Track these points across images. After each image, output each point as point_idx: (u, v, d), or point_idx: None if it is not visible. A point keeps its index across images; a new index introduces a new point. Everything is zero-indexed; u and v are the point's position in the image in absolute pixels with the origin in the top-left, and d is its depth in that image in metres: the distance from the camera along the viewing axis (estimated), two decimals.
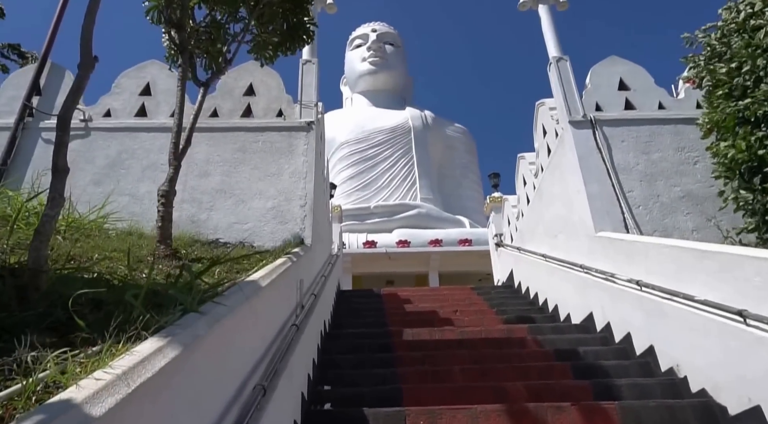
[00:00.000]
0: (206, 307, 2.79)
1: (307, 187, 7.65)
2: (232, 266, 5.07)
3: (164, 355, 1.96)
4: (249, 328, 3.34)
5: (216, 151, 7.93)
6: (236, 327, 2.98)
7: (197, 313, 2.65)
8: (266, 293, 4.08)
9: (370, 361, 6.35)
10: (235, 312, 3.00)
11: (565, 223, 8.74)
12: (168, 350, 2.00)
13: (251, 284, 3.79)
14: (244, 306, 3.26)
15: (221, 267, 5.00)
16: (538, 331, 7.56)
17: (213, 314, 2.67)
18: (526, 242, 11.05)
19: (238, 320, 3.04)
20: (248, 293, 3.53)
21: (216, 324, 2.59)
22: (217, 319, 2.66)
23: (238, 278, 4.60)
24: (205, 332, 2.38)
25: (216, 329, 2.57)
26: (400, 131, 28.83)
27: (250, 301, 3.46)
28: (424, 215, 24.80)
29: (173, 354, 1.99)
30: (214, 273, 4.74)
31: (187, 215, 7.40)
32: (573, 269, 8.13)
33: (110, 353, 1.99)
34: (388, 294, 11.19)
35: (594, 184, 7.87)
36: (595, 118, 8.36)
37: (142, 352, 1.93)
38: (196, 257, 5.39)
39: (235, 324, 2.94)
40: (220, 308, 2.80)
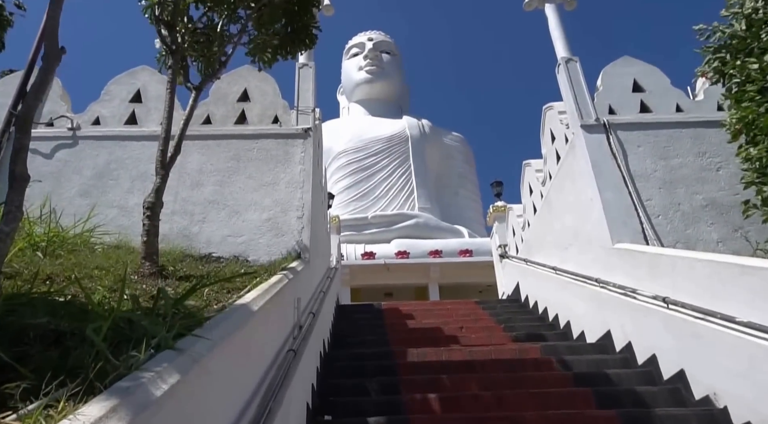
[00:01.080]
0: (185, 342, 2.30)
1: (304, 198, 7.17)
2: (223, 285, 4.58)
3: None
4: (238, 362, 2.85)
5: (209, 159, 7.44)
6: (221, 365, 2.49)
7: (173, 350, 2.16)
8: (260, 317, 3.59)
9: (373, 386, 5.84)
10: (222, 346, 2.51)
11: (577, 234, 8.27)
12: (123, 413, 1.51)
13: (242, 308, 3.30)
14: (233, 336, 2.77)
15: (213, 286, 4.51)
16: (552, 351, 7.07)
17: (192, 352, 2.18)
18: (534, 254, 10.57)
19: (224, 355, 2.55)
20: (238, 319, 3.04)
21: (195, 365, 2.10)
22: (197, 359, 2.16)
23: (229, 298, 4.12)
24: (177, 380, 1.89)
25: (194, 373, 2.08)
26: (397, 140, 28.39)
27: (241, 329, 2.97)
28: (423, 224, 24.31)
29: (129, 419, 1.49)
30: (203, 293, 4.25)
31: (178, 227, 6.91)
32: (587, 283, 7.65)
33: (46, 416, 1.49)
34: (389, 309, 10.68)
35: (609, 192, 7.41)
36: (609, 122, 7.91)
37: (88, 418, 1.43)
38: (185, 275, 4.89)
39: (220, 362, 2.45)
40: (202, 344, 2.31)
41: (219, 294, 4.31)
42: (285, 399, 3.45)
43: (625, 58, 8.61)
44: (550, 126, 9.46)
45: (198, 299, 4.02)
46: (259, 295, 3.90)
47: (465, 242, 22.42)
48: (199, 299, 4.05)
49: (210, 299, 4.12)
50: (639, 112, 8.11)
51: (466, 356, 6.89)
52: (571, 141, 8.32)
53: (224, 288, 4.50)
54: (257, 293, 3.96)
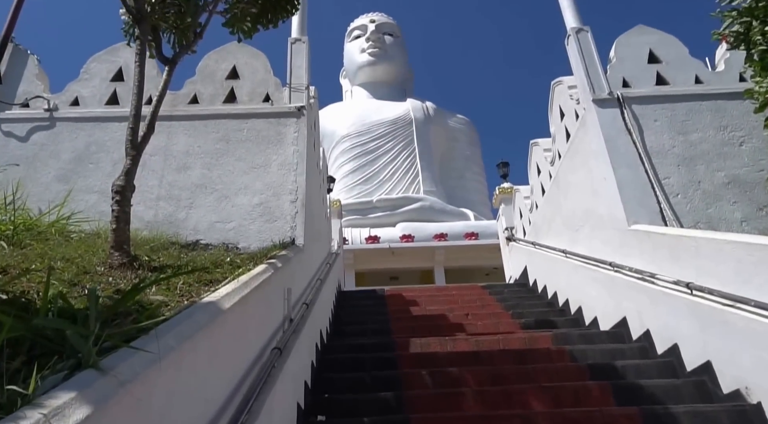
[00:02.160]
0: (118, 357, 1.85)
1: (298, 181, 6.71)
2: (200, 277, 4.14)
3: None
4: (200, 374, 2.40)
5: (196, 141, 6.98)
6: (169, 384, 2.04)
7: (95, 370, 1.70)
8: (235, 314, 3.15)
9: (372, 381, 5.41)
10: (173, 358, 2.06)
11: (588, 215, 7.78)
12: None
13: (208, 306, 2.84)
14: (193, 342, 2.33)
15: (187, 278, 4.07)
16: (564, 339, 6.62)
17: (119, 372, 1.72)
18: (542, 236, 10.09)
19: (176, 369, 2.10)
20: (202, 320, 2.59)
21: (120, 392, 1.65)
22: (125, 382, 1.71)
23: (206, 292, 3.68)
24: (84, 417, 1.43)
25: (117, 402, 1.63)
26: (402, 123, 27.87)
27: (205, 332, 2.53)
28: (428, 207, 23.89)
29: None
30: (177, 287, 3.81)
31: (164, 214, 6.47)
32: (600, 267, 7.18)
33: None
34: (393, 295, 10.25)
35: (624, 170, 6.92)
36: (623, 96, 7.39)
37: None
38: (161, 265, 4.44)
39: (166, 379, 2.00)
40: (138, 360, 1.86)
41: (194, 287, 3.87)
42: (264, 408, 3.01)
43: (640, 27, 8.05)
44: (558, 102, 8.94)
45: (169, 294, 3.59)
46: (236, 288, 3.45)
47: (471, 224, 21.98)
48: (171, 293, 3.62)
49: (183, 293, 3.68)
50: (655, 84, 7.57)
51: (472, 347, 6.45)
52: (582, 117, 7.81)
53: (202, 280, 4.06)
54: (234, 286, 3.51)
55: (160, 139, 6.87)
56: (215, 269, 4.45)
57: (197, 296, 3.43)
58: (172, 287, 3.81)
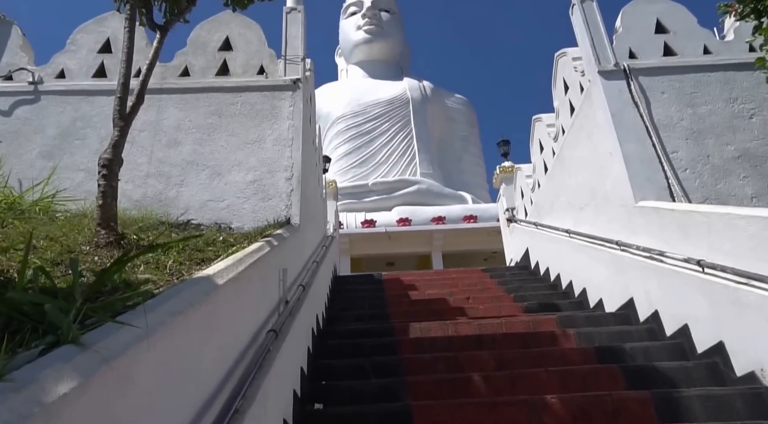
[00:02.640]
0: (100, 332, 1.63)
1: (293, 157, 6.46)
2: (191, 255, 3.91)
3: None
4: (191, 354, 2.18)
5: (187, 115, 6.72)
6: (157, 362, 1.82)
7: (76, 346, 1.49)
8: (228, 292, 2.92)
9: (371, 367, 5.20)
10: (162, 334, 1.84)
11: (594, 192, 7.57)
12: None
13: (200, 282, 2.62)
14: (184, 319, 2.11)
15: (178, 256, 3.84)
16: (569, 322, 6.42)
17: (103, 347, 1.50)
18: (544, 216, 9.87)
19: (164, 347, 1.88)
20: (193, 296, 2.37)
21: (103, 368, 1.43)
22: (106, 358, 1.49)
23: (197, 271, 3.45)
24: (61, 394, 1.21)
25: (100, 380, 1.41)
26: (398, 103, 27.44)
27: (196, 309, 2.31)
28: (425, 190, 23.56)
29: None
30: (167, 266, 3.59)
31: (153, 192, 6.23)
32: (606, 246, 6.98)
33: None
34: (390, 279, 10.04)
35: (631, 144, 6.69)
36: (630, 67, 7.14)
37: None
38: (151, 244, 4.21)
39: (154, 357, 1.78)
40: (123, 335, 1.64)
41: (185, 266, 3.64)
42: (259, 394, 2.80)
43: None
44: (562, 75, 8.68)
45: (158, 273, 3.36)
46: (230, 265, 3.23)
47: (469, 207, 21.71)
48: (160, 272, 3.39)
49: (173, 272, 3.46)
50: (663, 55, 7.32)
51: (475, 330, 6.25)
52: (587, 90, 7.56)
53: (193, 259, 3.83)
54: (229, 263, 3.28)
55: (149, 114, 6.61)
56: (207, 248, 4.23)
57: (188, 275, 3.21)
58: (162, 266, 3.59)
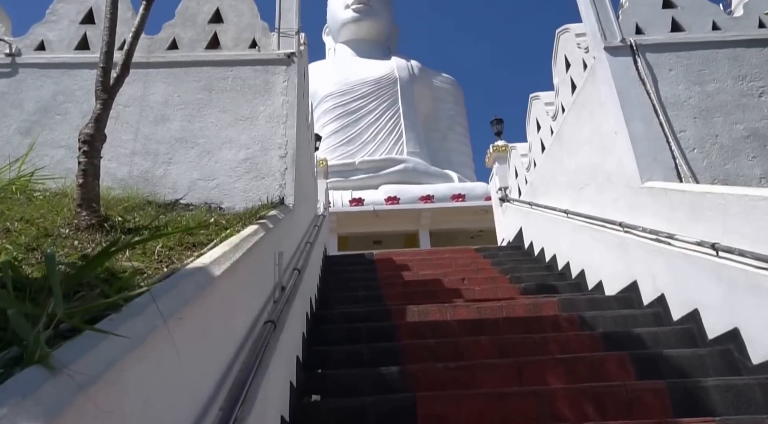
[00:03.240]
0: (77, 345, 1.35)
1: (288, 134, 6.16)
2: (182, 239, 3.62)
3: None
4: (185, 357, 1.91)
5: (176, 90, 6.37)
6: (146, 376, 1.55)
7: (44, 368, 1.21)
8: (225, 284, 2.66)
9: (369, 354, 4.96)
10: (150, 343, 1.57)
11: (595, 172, 7.34)
12: None
13: (196, 274, 2.34)
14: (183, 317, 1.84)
15: (167, 241, 3.56)
16: (571, 306, 6.22)
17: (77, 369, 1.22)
18: (540, 196, 9.65)
19: (153, 358, 1.61)
20: (190, 291, 2.10)
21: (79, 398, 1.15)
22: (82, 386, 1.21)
23: (188, 257, 3.18)
24: None
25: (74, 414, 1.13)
26: (386, 82, 27.10)
27: (192, 308, 2.03)
28: (411, 169, 23.38)
29: None
30: (155, 251, 3.30)
31: (139, 170, 5.90)
32: (607, 227, 6.78)
33: None
34: (382, 259, 9.80)
35: (637, 122, 6.45)
36: (637, 43, 6.87)
37: None
38: (135, 226, 3.91)
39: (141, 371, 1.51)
40: (105, 349, 1.36)
41: (176, 251, 3.36)
42: (259, 395, 2.54)
43: None
44: (564, 52, 8.40)
45: (145, 260, 3.08)
46: (226, 252, 2.95)
47: (456, 186, 21.54)
48: (147, 258, 3.11)
49: (162, 258, 3.18)
50: (670, 31, 7.06)
51: (475, 314, 6.04)
52: (592, 66, 7.29)
53: (184, 243, 3.55)
54: (225, 249, 3.01)
55: (135, 88, 6.27)
56: (199, 231, 3.95)
57: (179, 262, 2.93)
58: (149, 252, 3.30)
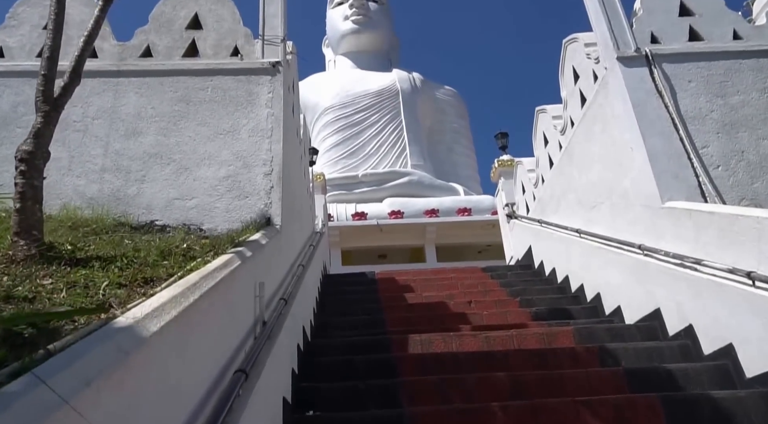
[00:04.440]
0: None
1: (273, 149, 5.65)
2: (138, 273, 3.08)
3: None
4: None
5: (149, 102, 5.86)
6: None
7: None
8: (170, 337, 2.12)
9: (366, 393, 4.41)
10: None
11: (609, 190, 6.80)
12: None
13: (121, 335, 1.80)
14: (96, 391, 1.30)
15: (119, 274, 3.02)
16: (588, 336, 5.66)
17: None
18: (549, 214, 9.10)
19: None
20: (104, 360, 1.56)
21: None
22: None
23: (137, 298, 2.65)
24: None
25: None
26: (388, 94, 26.64)
27: (111, 377, 1.49)
28: (416, 182, 22.85)
29: None
30: (101, 288, 2.77)
31: (110, 188, 5.38)
32: (625, 249, 6.23)
33: None
34: (384, 279, 9.25)
35: (655, 138, 5.93)
36: (653, 53, 6.36)
37: None
38: (88, 257, 3.37)
39: None
40: None
41: (125, 290, 2.82)
42: None
43: None
44: (572, 63, 7.88)
45: (85, 301, 2.55)
46: (176, 295, 2.41)
47: (462, 199, 21.01)
48: (88, 299, 2.57)
49: (107, 299, 2.64)
50: (688, 40, 6.55)
51: (482, 345, 5.48)
52: (603, 78, 6.78)
53: (137, 279, 3.00)
54: (174, 292, 2.47)
55: (104, 99, 5.77)
56: (161, 262, 3.40)
57: (119, 309, 2.39)
58: (93, 288, 2.78)
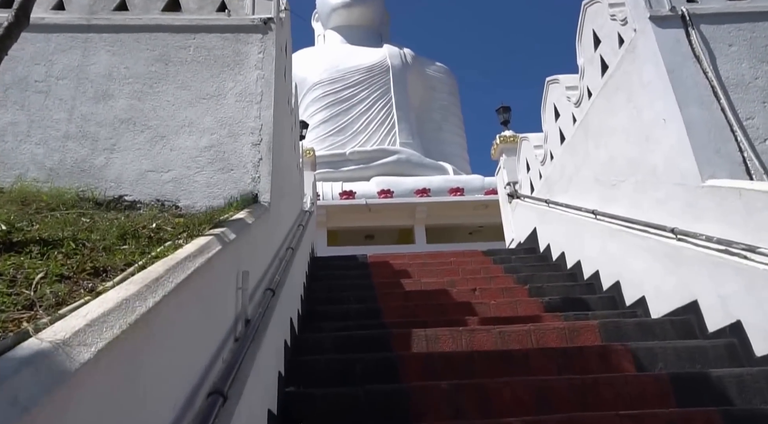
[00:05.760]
0: None
1: (262, 117, 4.91)
2: (87, 260, 2.37)
3: None
4: None
5: (123, 61, 5.09)
6: None
7: None
8: (111, 356, 1.42)
9: (367, 404, 3.73)
10: None
11: (634, 166, 6.13)
12: None
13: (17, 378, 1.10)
14: None
15: (63, 263, 2.32)
16: (616, 331, 5.01)
17: None
18: (558, 193, 8.42)
19: None
20: None
21: None
22: None
23: (83, 294, 1.96)
24: None
25: None
26: (378, 70, 25.73)
27: None
28: (405, 161, 22.12)
29: None
30: (31, 282, 2.06)
31: (73, 158, 4.63)
32: (652, 232, 5.59)
33: None
34: (377, 263, 8.56)
35: (693, 108, 5.25)
36: (689, 12, 5.67)
37: None
38: (28, 240, 2.64)
39: None
40: None
41: (68, 283, 2.11)
42: None
43: None
44: (592, 26, 7.16)
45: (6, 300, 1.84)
46: (127, 298, 1.71)
47: (453, 179, 20.32)
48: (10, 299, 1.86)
49: (41, 300, 1.93)
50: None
51: (497, 342, 4.82)
52: (631, 41, 6.07)
53: (86, 268, 2.29)
54: (129, 291, 1.77)
55: (71, 57, 5.00)
56: (120, 247, 2.69)
57: (46, 315, 1.68)
58: (22, 285, 2.07)
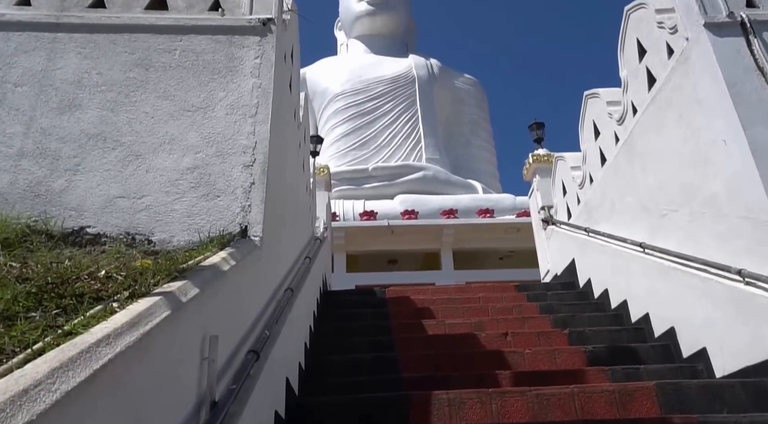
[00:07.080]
0: None
1: (257, 133, 4.18)
2: None
3: None
4: None
5: (95, 66, 4.39)
6: None
7: None
8: None
9: None
10: None
11: (689, 194, 5.28)
12: None
13: None
14: None
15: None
16: (677, 397, 4.14)
17: None
18: (598, 221, 7.54)
19: None
20: None
21: None
22: None
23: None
24: None
25: None
26: (403, 81, 24.95)
27: None
28: (431, 178, 21.24)
29: None
30: None
31: (27, 180, 3.91)
32: (715, 273, 4.74)
33: None
34: (398, 299, 7.69)
35: (759, 128, 4.47)
36: (750, 19, 4.87)
37: None
38: None
39: None
40: None
41: None
42: None
43: None
44: (636, 34, 6.33)
45: None
46: None
47: (482, 198, 19.41)
48: None
49: None
50: None
51: (533, 409, 3.98)
52: (683, 51, 5.25)
53: None
54: None
55: (35, 60, 4.32)
56: (24, 315, 1.93)
57: None
58: None
